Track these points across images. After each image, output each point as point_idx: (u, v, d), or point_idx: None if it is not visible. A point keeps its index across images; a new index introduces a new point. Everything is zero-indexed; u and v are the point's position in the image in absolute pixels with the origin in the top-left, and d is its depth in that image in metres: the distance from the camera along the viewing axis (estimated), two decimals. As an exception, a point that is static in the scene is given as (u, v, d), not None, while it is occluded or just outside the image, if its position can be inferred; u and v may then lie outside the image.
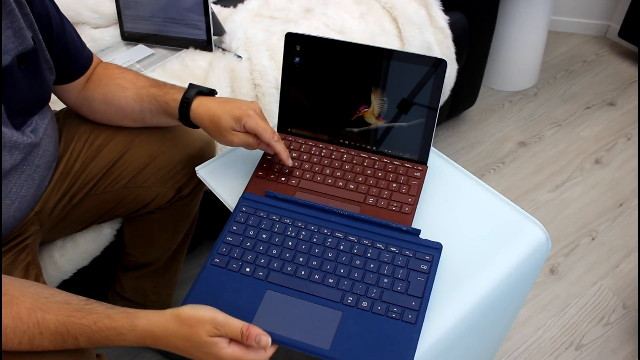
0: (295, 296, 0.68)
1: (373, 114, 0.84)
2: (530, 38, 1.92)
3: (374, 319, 0.66)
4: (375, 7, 1.41)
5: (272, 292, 0.69)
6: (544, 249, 0.78)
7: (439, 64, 0.80)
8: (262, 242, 0.74)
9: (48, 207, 0.91)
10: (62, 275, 1.07)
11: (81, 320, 0.63)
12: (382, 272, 0.70)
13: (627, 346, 1.33)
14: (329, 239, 0.73)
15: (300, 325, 0.66)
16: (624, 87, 2.07)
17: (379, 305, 0.67)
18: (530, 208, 1.65)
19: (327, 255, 0.72)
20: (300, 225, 0.75)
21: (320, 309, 0.67)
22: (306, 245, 0.73)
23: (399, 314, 0.66)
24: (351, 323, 0.66)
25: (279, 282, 0.70)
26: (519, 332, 1.36)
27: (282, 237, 0.74)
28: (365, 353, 0.63)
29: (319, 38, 0.83)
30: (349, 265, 0.71)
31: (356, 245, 0.73)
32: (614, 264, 1.50)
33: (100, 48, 1.26)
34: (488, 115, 1.97)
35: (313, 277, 0.70)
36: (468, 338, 0.74)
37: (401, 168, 0.83)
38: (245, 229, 0.75)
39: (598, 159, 1.80)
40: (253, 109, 0.80)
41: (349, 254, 0.72)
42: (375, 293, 0.68)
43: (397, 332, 0.65)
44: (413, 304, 0.67)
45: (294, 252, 0.72)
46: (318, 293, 0.68)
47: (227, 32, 1.27)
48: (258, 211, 0.77)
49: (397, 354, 0.63)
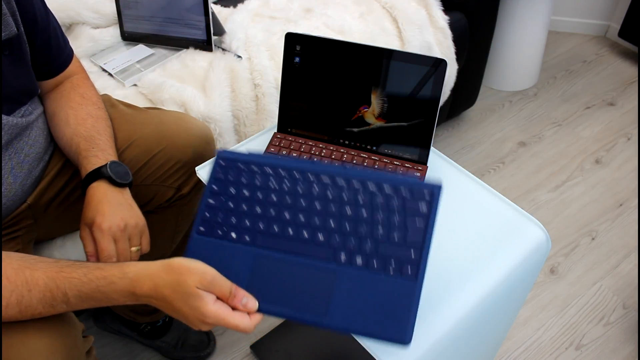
0: (285, 260, 0.62)
1: (373, 114, 0.84)
2: (530, 38, 1.92)
3: (370, 278, 0.60)
4: (375, 7, 1.42)
5: (261, 258, 0.63)
6: (544, 249, 0.78)
7: (439, 64, 0.80)
8: (245, 200, 0.67)
9: (43, 202, 0.91)
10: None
11: (71, 274, 0.62)
12: (376, 221, 0.62)
13: (627, 346, 1.33)
14: (315, 186, 0.65)
15: (293, 294, 0.60)
16: (624, 87, 2.07)
17: (374, 260, 0.61)
18: (530, 208, 1.65)
19: (314, 208, 0.64)
20: (283, 173, 0.66)
21: (313, 272, 0.61)
22: (291, 198, 0.65)
23: (396, 269, 0.60)
24: (346, 285, 0.60)
25: (267, 244, 0.64)
26: (519, 332, 1.36)
27: (265, 191, 0.66)
28: (363, 318, 0.58)
29: (319, 38, 0.83)
30: (339, 216, 0.63)
31: (345, 191, 0.64)
32: (614, 264, 1.50)
33: (100, 48, 1.26)
34: (488, 115, 1.97)
35: (302, 235, 0.63)
36: (468, 338, 0.74)
37: (401, 168, 0.83)
38: (226, 186, 0.68)
39: (598, 159, 1.80)
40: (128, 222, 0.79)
41: (339, 203, 0.64)
42: (370, 247, 0.61)
43: (395, 291, 0.59)
44: (412, 255, 0.60)
45: (279, 208, 0.65)
46: (309, 252, 0.62)
47: (227, 32, 1.27)
48: (237, 164, 0.69)
49: (396, 318, 0.57)
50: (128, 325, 1.28)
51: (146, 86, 1.17)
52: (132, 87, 1.19)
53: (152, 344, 1.30)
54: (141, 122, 0.98)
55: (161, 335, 1.29)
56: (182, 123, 0.99)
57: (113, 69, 1.21)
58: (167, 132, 0.97)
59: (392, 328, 0.58)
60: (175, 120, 0.99)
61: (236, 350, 1.33)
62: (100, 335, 1.33)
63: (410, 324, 0.59)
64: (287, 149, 0.86)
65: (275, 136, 0.88)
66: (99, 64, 1.22)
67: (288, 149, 0.86)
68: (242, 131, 1.20)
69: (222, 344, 1.34)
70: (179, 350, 1.29)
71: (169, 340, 1.29)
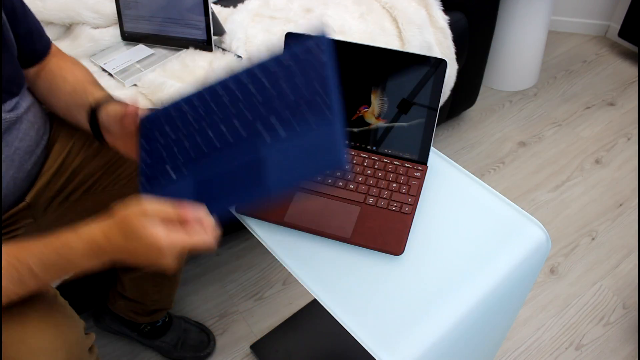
0: (220, 170, 0.65)
1: (373, 114, 0.84)
2: (530, 38, 1.92)
3: (296, 141, 0.62)
4: (375, 7, 1.42)
5: (200, 178, 0.67)
6: (544, 249, 0.78)
7: (439, 64, 0.80)
8: (173, 141, 0.69)
9: (42, 202, 0.91)
10: (62, 275, 1.07)
11: (31, 246, 0.63)
12: (284, 91, 0.64)
13: (627, 346, 1.33)
14: (225, 96, 0.67)
15: (233, 188, 0.64)
16: (624, 87, 2.07)
17: (294, 123, 0.62)
18: (530, 208, 1.65)
19: (230, 113, 0.67)
20: (195, 102, 0.70)
21: (247, 164, 0.64)
22: (208, 117, 0.68)
23: (315, 118, 0.61)
24: (277, 157, 0.62)
25: (202, 166, 0.66)
26: (519, 332, 1.36)
27: (186, 125, 0.69)
28: (300, 168, 0.61)
29: (319, 38, 0.83)
30: (252, 106, 0.66)
31: (250, 84, 0.66)
32: (614, 264, 1.50)
33: (100, 48, 1.26)
34: (488, 115, 1.97)
35: (229, 141, 0.66)
36: (468, 338, 0.74)
37: (401, 168, 0.83)
38: (154, 139, 0.71)
39: (598, 159, 1.80)
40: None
41: (248, 96, 0.66)
42: (286, 115, 0.63)
43: (321, 135, 0.60)
44: (324, 100, 0.61)
45: (201, 131, 0.68)
46: (239, 153, 0.65)
47: (227, 32, 1.27)
48: (157, 118, 0.72)
49: (327, 149, 0.59)
50: (128, 325, 1.28)
51: (146, 86, 1.17)
52: (132, 87, 1.19)
53: (152, 344, 1.30)
54: None
55: (161, 335, 1.29)
56: None
57: (113, 69, 1.21)
58: None
59: (326, 158, 0.60)
60: None
61: (236, 350, 1.33)
62: (100, 335, 1.33)
63: (340, 149, 0.60)
64: None
65: (275, 136, 0.88)
66: (99, 64, 1.22)
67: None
68: (242, 131, 1.20)
69: (222, 344, 1.35)
70: (179, 350, 1.29)
71: (169, 340, 1.29)
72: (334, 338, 1.31)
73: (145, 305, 1.22)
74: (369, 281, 0.72)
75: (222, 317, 1.40)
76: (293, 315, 1.38)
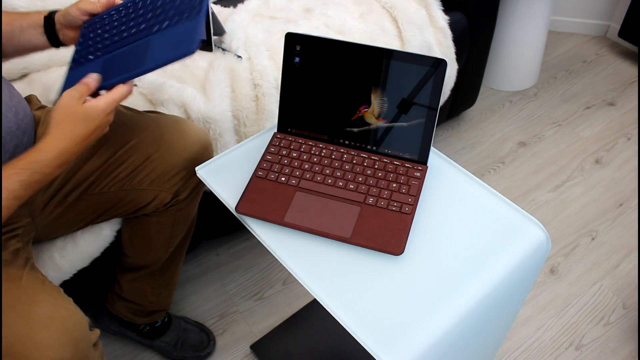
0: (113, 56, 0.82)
1: (373, 114, 0.84)
2: (530, 38, 1.92)
3: (172, 32, 0.80)
4: (375, 7, 1.42)
5: (107, 60, 0.82)
6: (544, 249, 0.78)
7: (439, 64, 0.80)
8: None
9: (40, 201, 0.91)
10: (62, 275, 1.07)
11: (9, 176, 0.71)
12: (163, 18, 0.81)
13: (627, 346, 1.33)
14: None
15: (118, 67, 0.79)
16: (624, 87, 2.07)
17: (169, 24, 0.81)
18: (530, 208, 1.65)
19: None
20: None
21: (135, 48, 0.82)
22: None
23: (185, 17, 0.79)
24: (155, 55, 0.78)
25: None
26: (519, 332, 1.36)
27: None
28: (170, 50, 0.77)
29: (319, 38, 0.83)
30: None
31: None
32: (614, 264, 1.50)
33: (100, 48, 1.26)
34: (488, 115, 1.97)
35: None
36: (468, 338, 0.74)
37: (401, 168, 0.83)
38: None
39: (598, 159, 1.80)
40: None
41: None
42: (168, 21, 0.80)
43: (187, 27, 0.78)
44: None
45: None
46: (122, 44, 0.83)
47: (227, 32, 1.27)
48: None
49: (188, 33, 0.76)
50: (127, 326, 1.28)
51: (146, 86, 1.17)
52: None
53: (151, 344, 1.30)
54: (140, 125, 0.98)
55: (160, 335, 1.29)
56: (181, 128, 0.99)
57: (113, 69, 1.21)
58: (165, 136, 0.98)
59: (184, 45, 0.75)
60: (173, 125, 0.99)
61: (236, 350, 1.33)
62: (100, 335, 1.33)
63: (197, 34, 0.76)
64: (287, 149, 0.86)
65: (275, 136, 0.88)
66: (99, 64, 1.22)
67: (288, 149, 0.86)
68: (242, 131, 1.20)
69: (222, 344, 1.35)
70: (178, 350, 1.29)
71: (168, 340, 1.29)
72: (334, 338, 1.31)
73: (143, 307, 1.22)
74: (369, 281, 0.72)
75: (222, 317, 1.40)
76: (293, 315, 1.38)
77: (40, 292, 0.83)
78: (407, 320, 0.68)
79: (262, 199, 0.80)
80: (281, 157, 0.85)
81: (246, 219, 0.80)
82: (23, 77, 1.20)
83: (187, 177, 1.01)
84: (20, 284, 0.82)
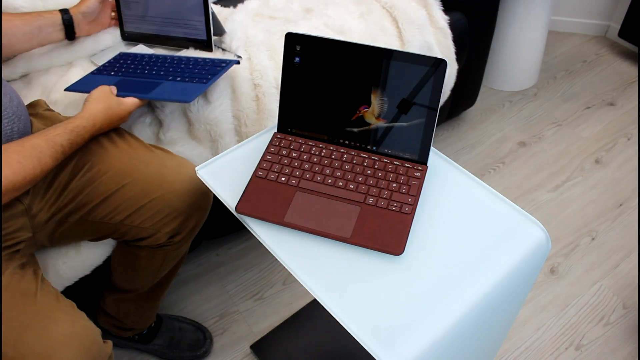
0: (142, 81, 1.09)
1: (373, 114, 0.84)
2: (530, 38, 1.92)
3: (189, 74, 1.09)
4: (375, 7, 1.42)
5: (124, 79, 1.07)
6: (544, 249, 0.78)
7: (439, 64, 0.80)
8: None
9: (42, 218, 0.93)
10: (65, 282, 1.08)
11: (57, 132, 0.86)
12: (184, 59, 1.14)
13: (627, 346, 1.33)
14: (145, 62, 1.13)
15: (147, 85, 1.08)
16: (624, 87, 2.07)
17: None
18: (530, 208, 1.65)
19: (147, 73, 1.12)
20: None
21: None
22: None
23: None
24: (169, 86, 1.06)
25: (129, 73, 1.10)
26: (519, 332, 1.36)
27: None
28: (183, 88, 1.06)
29: (319, 38, 0.83)
30: (162, 73, 1.12)
31: (159, 62, 1.16)
32: (614, 264, 1.50)
33: (100, 48, 1.25)
34: (488, 115, 1.97)
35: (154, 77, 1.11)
36: (468, 338, 0.74)
37: (401, 168, 0.83)
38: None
39: (598, 159, 1.80)
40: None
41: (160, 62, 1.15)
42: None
43: (189, 88, 1.05)
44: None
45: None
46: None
47: (227, 32, 1.27)
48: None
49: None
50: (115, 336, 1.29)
51: (146, 86, 1.17)
52: (132, 87, 1.19)
53: (145, 348, 1.30)
54: (144, 160, 0.98)
55: (151, 339, 1.29)
56: (184, 171, 0.99)
57: (113, 69, 1.21)
58: (168, 177, 0.98)
59: (184, 95, 1.02)
60: (177, 167, 1.00)
61: (236, 350, 1.33)
62: (100, 335, 1.33)
63: (196, 93, 1.02)
64: (287, 149, 0.86)
65: (275, 136, 0.88)
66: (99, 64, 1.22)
67: (288, 149, 0.86)
68: (242, 131, 1.20)
69: (222, 344, 1.35)
70: (174, 350, 1.29)
71: (161, 343, 1.30)
72: (334, 338, 1.31)
73: (125, 324, 1.24)
74: (369, 281, 0.72)
75: (222, 317, 1.40)
76: (293, 315, 1.38)
77: (56, 309, 0.84)
78: (407, 320, 0.68)
79: (262, 199, 0.80)
80: (281, 157, 0.85)
81: (246, 219, 0.80)
82: (23, 77, 1.20)
83: (184, 221, 1.01)
84: (36, 300, 0.83)
